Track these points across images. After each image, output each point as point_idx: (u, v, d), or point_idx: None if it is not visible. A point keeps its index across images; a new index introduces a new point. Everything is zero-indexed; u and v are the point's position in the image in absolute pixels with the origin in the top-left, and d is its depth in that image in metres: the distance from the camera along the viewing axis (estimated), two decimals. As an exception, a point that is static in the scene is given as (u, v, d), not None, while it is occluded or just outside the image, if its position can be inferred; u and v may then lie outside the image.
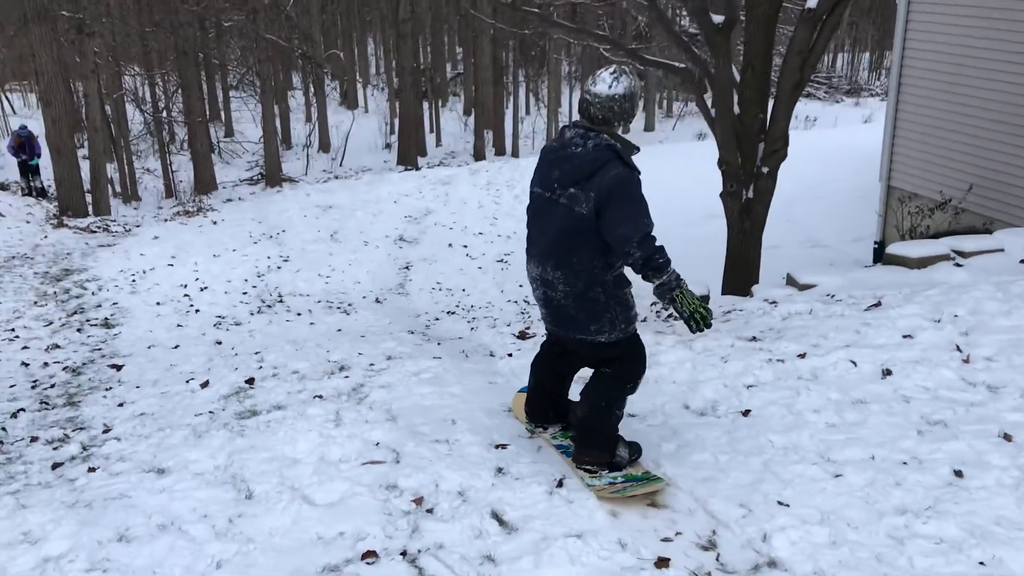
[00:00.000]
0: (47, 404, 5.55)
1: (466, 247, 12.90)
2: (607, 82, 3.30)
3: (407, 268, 12.08)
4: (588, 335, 3.48)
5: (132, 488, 3.70)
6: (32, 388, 6.04)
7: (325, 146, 26.39)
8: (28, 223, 14.00)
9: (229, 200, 17.57)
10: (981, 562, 2.89)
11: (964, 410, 3.91)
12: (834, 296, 6.17)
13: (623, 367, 3.58)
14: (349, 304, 9.94)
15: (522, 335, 6.28)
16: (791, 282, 7.19)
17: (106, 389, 5.79)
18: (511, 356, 5.53)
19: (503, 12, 22.59)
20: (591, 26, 11.99)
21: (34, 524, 3.42)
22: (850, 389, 4.24)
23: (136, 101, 22.87)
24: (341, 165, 24.47)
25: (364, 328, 8.12)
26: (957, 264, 7.00)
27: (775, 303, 6.30)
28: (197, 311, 9.00)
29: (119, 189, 19.44)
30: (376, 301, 10.40)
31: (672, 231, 12.79)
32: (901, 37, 9.84)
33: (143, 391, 5.58)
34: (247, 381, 5.31)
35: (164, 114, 22.32)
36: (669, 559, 3.05)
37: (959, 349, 4.51)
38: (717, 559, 3.08)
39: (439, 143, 28.33)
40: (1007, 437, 3.62)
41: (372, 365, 5.48)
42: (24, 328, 7.95)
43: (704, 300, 7.07)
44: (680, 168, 16.33)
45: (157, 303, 9.13)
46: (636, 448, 3.74)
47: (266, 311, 9.32)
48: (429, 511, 3.40)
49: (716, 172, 8.00)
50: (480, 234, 13.41)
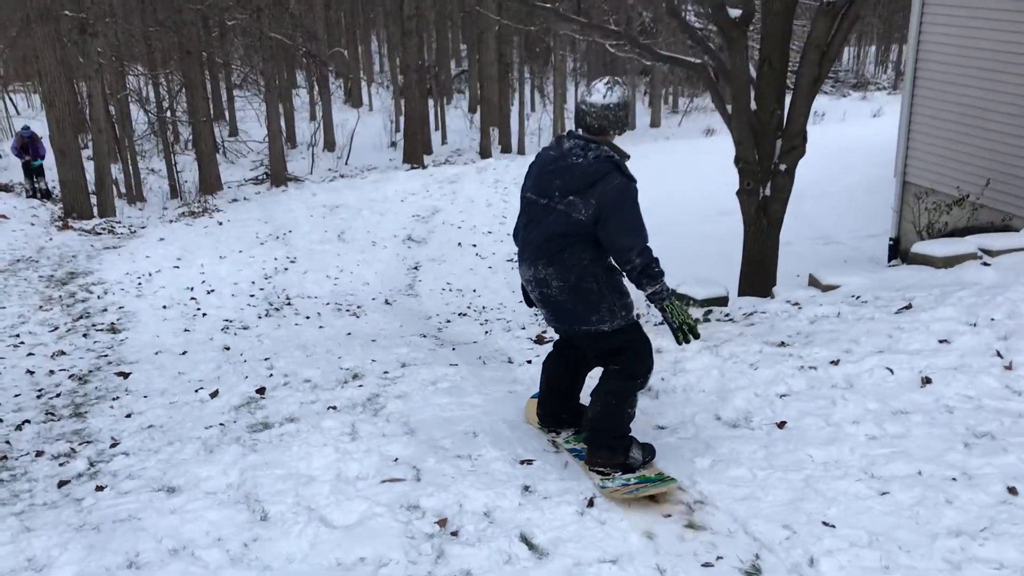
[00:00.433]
0: (53, 415, 5.39)
1: (475, 246, 12.72)
2: (602, 92, 3.48)
3: (416, 268, 11.91)
4: (590, 325, 3.57)
5: (141, 509, 3.54)
6: (37, 398, 5.87)
7: (330, 145, 26.21)
8: (33, 225, 13.84)
9: (234, 200, 17.39)
10: (1046, 589, 2.72)
11: (1011, 421, 3.73)
12: (860, 297, 5.98)
13: (630, 362, 3.63)
14: (358, 306, 9.76)
15: (539, 339, 6.11)
16: (813, 282, 6.99)
17: (113, 399, 5.62)
18: (530, 363, 5.36)
19: (509, 8, 22.39)
20: (597, 21, 11.81)
21: (39, 549, 3.26)
22: (889, 398, 4.06)
23: (140, 101, 22.69)
24: (347, 164, 24.30)
25: (375, 332, 7.94)
26: (985, 263, 6.79)
27: (798, 305, 6.12)
28: (204, 315, 8.84)
29: (124, 190, 19.27)
30: (386, 303, 10.23)
31: (684, 228, 12.73)
32: (916, 29, 9.63)
33: (151, 401, 5.42)
34: (258, 391, 5.15)
35: (168, 114, 22.16)
36: (711, 586, 2.89)
37: (1000, 355, 4.32)
38: (762, 585, 2.91)
39: (444, 141, 28.12)
40: (1060, 450, 3.45)
41: (386, 373, 5.32)
42: (29, 334, 7.80)
43: (715, 302, 7.06)
44: (689, 164, 16.17)
45: (163, 306, 8.97)
46: (650, 450, 3.76)
47: (274, 314, 9.15)
48: (454, 534, 3.23)
49: (726, 169, 7.83)
50: (489, 233, 13.23)
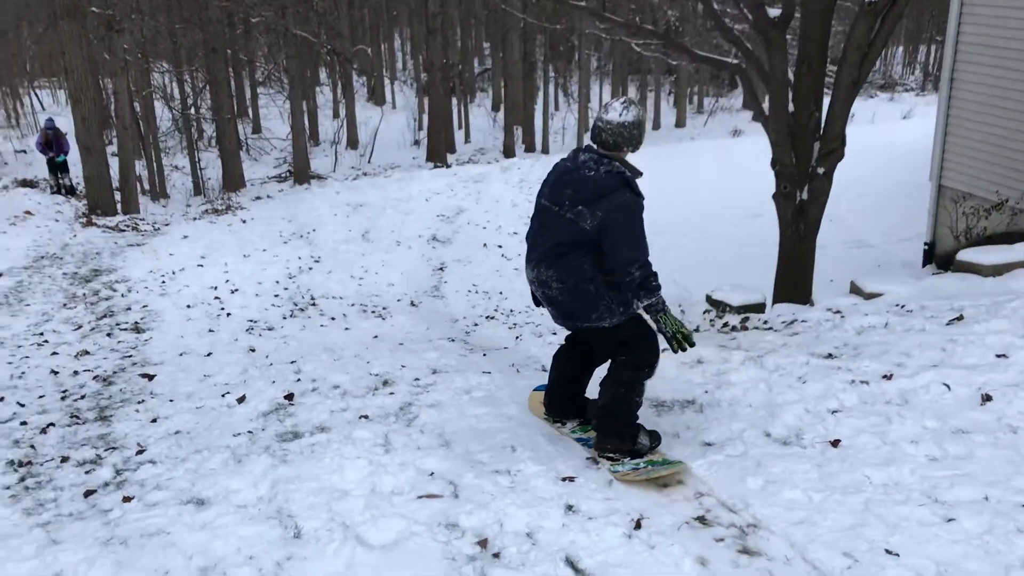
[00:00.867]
0: (78, 418, 5.29)
1: (500, 247, 12.57)
2: (618, 111, 3.67)
3: (441, 269, 11.78)
4: (591, 322, 3.76)
5: (170, 523, 3.41)
6: (62, 399, 5.78)
7: (353, 143, 26.12)
8: (57, 221, 13.85)
9: (258, 198, 17.33)
10: None
11: (1081, 443, 3.54)
12: (905, 307, 5.78)
13: (635, 354, 3.79)
14: (384, 308, 9.64)
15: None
16: (855, 290, 6.80)
17: (138, 402, 5.52)
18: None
19: (534, 6, 22.21)
20: (631, 20, 11.65)
21: (66, 564, 3.15)
22: (948, 417, 3.87)
23: (165, 98, 22.72)
24: (370, 162, 24.19)
25: (402, 335, 7.81)
26: (1034, 272, 6.57)
27: (841, 313, 5.94)
28: (228, 315, 8.75)
29: (148, 187, 19.29)
30: (411, 304, 10.11)
31: (712, 231, 12.53)
32: (955, 30, 9.38)
33: (177, 405, 5.31)
34: (286, 397, 5.03)
35: (192, 111, 22.17)
36: (770, 618, 2.73)
37: (1062, 371, 4.12)
38: (823, 618, 2.75)
39: (468, 139, 27.97)
40: None
41: (417, 380, 5.18)
42: (53, 332, 7.73)
43: (752, 308, 6.94)
44: (716, 166, 15.95)
45: (187, 306, 8.89)
46: (656, 436, 3.96)
47: (299, 315, 9.05)
48: (496, 556, 3.08)
49: (756, 170, 7.64)
50: (514, 234, 13.06)
